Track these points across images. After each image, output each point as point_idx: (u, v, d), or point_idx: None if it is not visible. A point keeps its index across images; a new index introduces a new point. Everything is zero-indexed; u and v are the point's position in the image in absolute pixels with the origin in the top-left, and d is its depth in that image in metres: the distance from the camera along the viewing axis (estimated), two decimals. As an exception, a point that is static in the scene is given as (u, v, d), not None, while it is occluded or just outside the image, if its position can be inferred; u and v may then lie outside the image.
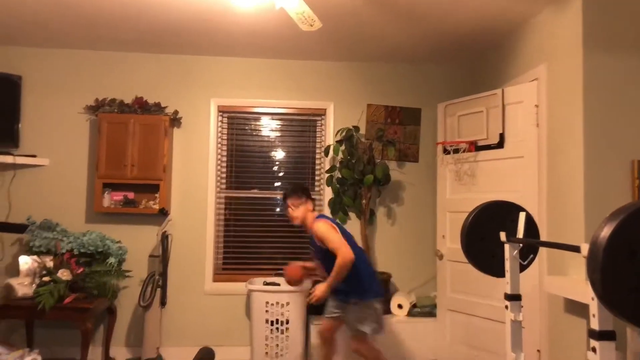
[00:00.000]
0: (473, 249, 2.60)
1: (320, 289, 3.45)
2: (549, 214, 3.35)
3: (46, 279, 3.89)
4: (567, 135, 3.15)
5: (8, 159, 4.27)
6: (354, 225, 4.68)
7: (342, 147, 4.57)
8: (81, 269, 4.00)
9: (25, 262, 4.05)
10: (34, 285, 3.89)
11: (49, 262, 4.00)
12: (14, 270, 4.20)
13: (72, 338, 4.30)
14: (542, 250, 3.34)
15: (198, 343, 4.43)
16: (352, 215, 4.71)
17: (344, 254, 3.34)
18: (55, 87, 4.60)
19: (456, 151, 4.14)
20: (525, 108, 3.60)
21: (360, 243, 4.63)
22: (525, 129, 3.59)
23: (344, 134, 4.58)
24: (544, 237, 3.28)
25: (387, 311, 4.38)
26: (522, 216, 2.50)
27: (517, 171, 3.64)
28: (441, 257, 4.28)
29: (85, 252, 4.14)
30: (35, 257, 4.04)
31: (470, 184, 4.05)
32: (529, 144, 3.56)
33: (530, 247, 2.57)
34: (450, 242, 4.20)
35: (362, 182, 4.48)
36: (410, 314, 4.38)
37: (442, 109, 4.33)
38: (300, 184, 4.12)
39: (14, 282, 3.91)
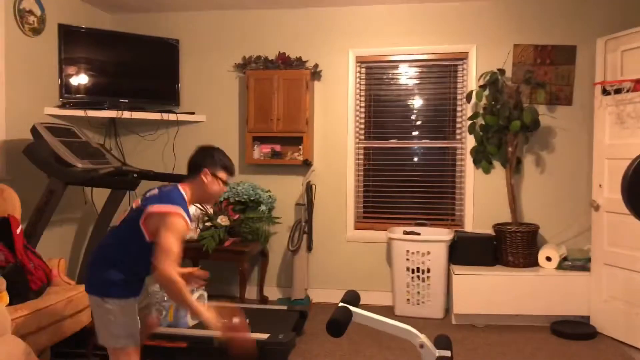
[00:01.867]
0: (636, 199, 2.37)
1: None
2: None
3: (208, 224, 4.33)
4: None
5: (172, 117, 4.75)
6: (498, 174, 4.49)
7: (486, 92, 4.34)
8: (237, 216, 4.38)
9: (191, 208, 4.53)
10: (198, 229, 4.35)
11: (210, 210, 4.43)
12: (182, 216, 4.73)
13: (232, 277, 4.76)
14: None
15: (342, 286, 4.65)
16: (496, 164, 4.50)
17: None
18: (208, 48, 4.95)
19: (618, 91, 3.73)
20: None
21: (506, 193, 4.45)
22: None
23: (487, 78, 4.34)
24: None
25: (534, 263, 4.20)
26: (698, 163, 2.22)
27: (694, 112, 3.19)
28: (597, 207, 3.95)
29: (239, 201, 4.51)
30: (198, 204, 4.50)
31: (635, 127, 3.64)
32: None
33: None
34: (609, 191, 3.85)
35: (508, 129, 4.24)
36: (560, 267, 4.15)
37: (601, 44, 3.90)
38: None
39: (181, 226, 4.41)
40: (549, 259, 4.17)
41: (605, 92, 3.87)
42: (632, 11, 4.20)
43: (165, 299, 3.23)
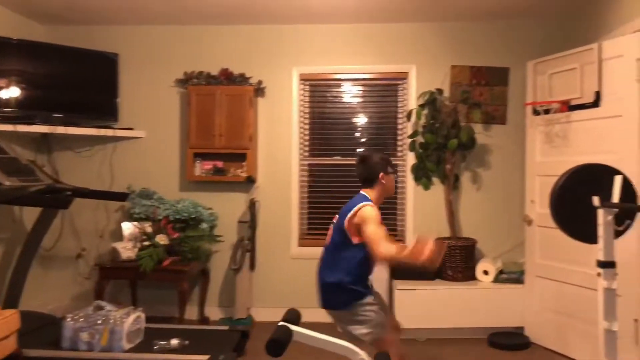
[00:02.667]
0: (563, 214, 2.48)
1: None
2: (651, 177, 3.11)
3: (146, 243, 4.20)
4: (673, 91, 2.89)
5: (109, 132, 4.60)
6: (437, 191, 4.61)
7: (425, 111, 4.48)
8: (177, 234, 4.28)
9: (128, 227, 4.39)
10: (136, 249, 4.21)
11: (148, 228, 4.31)
12: (119, 235, 4.57)
13: (171, 298, 4.62)
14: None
15: (285, 304, 4.58)
16: (436, 181, 4.63)
17: None
18: (148, 63, 4.86)
19: (547, 112, 3.93)
20: (625, 63, 3.33)
21: (445, 209, 4.58)
22: (624, 85, 3.33)
23: (427, 97, 4.48)
24: (644, 201, 3.06)
25: (472, 277, 4.32)
26: (617, 179, 2.35)
27: (614, 132, 3.40)
28: (530, 222, 4.12)
29: (180, 219, 4.41)
30: (136, 223, 4.37)
31: (562, 146, 3.84)
32: (628, 101, 3.30)
33: (627, 212, 2.42)
34: (540, 207, 4.03)
35: (446, 147, 4.38)
36: (496, 280, 4.29)
37: (531, 67, 4.11)
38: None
39: (118, 246, 4.26)
40: (486, 272, 4.31)
41: (535, 112, 4.07)
42: (560, 37, 4.46)
43: (99, 322, 3.09)
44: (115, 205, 4.80)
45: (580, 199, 2.42)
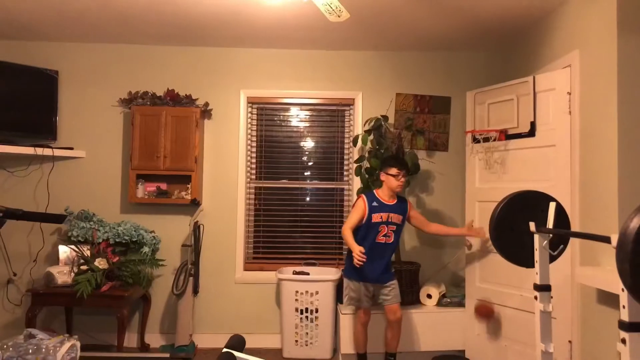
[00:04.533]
0: (502, 239, 2.58)
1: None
2: (581, 204, 3.29)
3: (84, 267, 4.02)
4: (600, 123, 3.09)
5: (47, 152, 4.42)
6: (382, 215, 4.68)
7: (371, 137, 4.57)
8: (117, 258, 4.12)
9: (64, 251, 4.21)
10: (72, 273, 4.03)
11: (87, 251, 4.13)
12: (54, 259, 4.37)
13: (109, 324, 4.44)
14: (575, 241, 3.29)
15: (230, 330, 4.53)
16: (380, 205, 4.70)
17: None
18: (90, 81, 4.72)
19: (486, 140, 4.09)
20: (557, 95, 3.53)
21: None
22: (557, 117, 3.53)
23: (372, 123, 4.58)
24: (575, 227, 3.23)
25: (417, 301, 4.39)
26: (552, 206, 2.47)
27: (548, 160, 3.58)
28: (470, 247, 4.25)
29: (120, 242, 4.27)
30: (73, 246, 4.18)
31: (500, 173, 4.00)
32: (560, 132, 3.49)
33: (560, 237, 2.54)
34: (480, 232, 4.16)
35: (391, 172, 4.47)
36: (439, 303, 4.37)
37: (471, 97, 4.28)
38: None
39: (53, 270, 4.06)
40: (429, 296, 4.38)
41: (475, 140, 4.23)
42: (499, 68, 4.70)
43: (30, 351, 2.91)
44: (51, 228, 4.59)
45: (518, 224, 2.53)
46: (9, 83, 4.38)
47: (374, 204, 3.82)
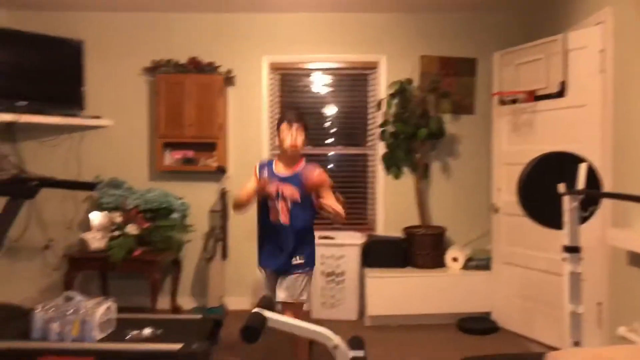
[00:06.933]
0: (530, 201, 2.56)
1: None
2: (614, 165, 3.22)
3: (116, 233, 4.14)
4: (636, 81, 2.99)
5: (76, 121, 4.49)
6: (408, 180, 4.67)
7: (395, 101, 4.52)
8: (147, 224, 4.22)
9: (97, 217, 4.32)
10: (105, 239, 4.15)
11: (118, 218, 4.24)
12: (86, 226, 4.49)
13: (143, 288, 4.56)
14: (606, 203, 3.23)
15: (258, 293, 4.63)
16: (406, 170, 4.68)
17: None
18: (115, 50, 4.75)
19: (513, 102, 4.02)
20: (588, 54, 3.43)
21: (415, 197, 4.65)
22: (588, 76, 3.43)
23: (396, 87, 4.52)
24: (608, 188, 3.17)
25: (442, 264, 4.41)
26: (582, 167, 2.43)
27: (578, 121, 3.50)
28: (497, 210, 4.22)
29: (150, 208, 4.35)
30: (105, 213, 4.29)
31: (528, 135, 3.94)
32: (592, 91, 3.40)
33: (591, 198, 2.51)
34: (507, 195, 4.13)
35: (416, 136, 4.43)
36: (465, 267, 4.39)
37: (498, 58, 4.19)
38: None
39: (87, 236, 4.18)
40: (455, 259, 4.40)
41: (502, 102, 4.16)
42: (526, 28, 4.55)
43: (70, 312, 3.04)
44: (83, 196, 4.70)
45: (547, 186, 2.50)
46: (37, 54, 4.43)
47: (265, 173, 2.98)
